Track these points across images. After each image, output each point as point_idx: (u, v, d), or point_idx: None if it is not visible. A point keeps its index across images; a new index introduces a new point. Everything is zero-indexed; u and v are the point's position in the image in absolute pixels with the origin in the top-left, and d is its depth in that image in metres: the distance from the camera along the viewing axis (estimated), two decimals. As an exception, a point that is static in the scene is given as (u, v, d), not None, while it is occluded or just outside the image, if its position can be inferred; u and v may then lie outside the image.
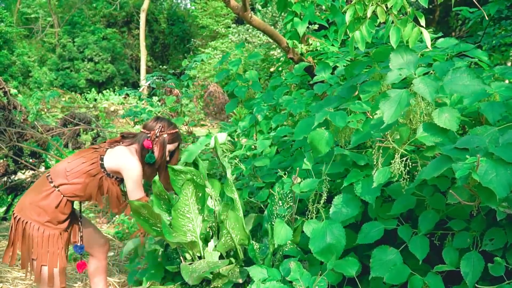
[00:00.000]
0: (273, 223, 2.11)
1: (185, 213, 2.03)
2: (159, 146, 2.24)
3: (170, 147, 2.29)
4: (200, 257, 2.07)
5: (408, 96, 1.47)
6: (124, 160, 2.16)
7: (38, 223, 2.07)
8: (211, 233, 2.13)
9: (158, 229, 1.95)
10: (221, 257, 2.08)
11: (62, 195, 2.11)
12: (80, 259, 2.34)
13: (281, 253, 2.00)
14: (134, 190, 2.14)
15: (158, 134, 2.24)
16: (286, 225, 1.86)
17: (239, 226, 1.99)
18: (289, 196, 2.06)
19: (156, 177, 2.13)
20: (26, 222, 2.08)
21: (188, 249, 2.04)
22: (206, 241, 2.07)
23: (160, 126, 2.26)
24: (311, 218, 1.86)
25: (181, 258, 2.10)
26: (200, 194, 2.08)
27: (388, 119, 1.47)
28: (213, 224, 2.14)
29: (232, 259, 2.06)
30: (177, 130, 2.32)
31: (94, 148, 2.24)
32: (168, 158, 2.32)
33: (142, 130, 2.30)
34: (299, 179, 1.83)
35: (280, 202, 2.14)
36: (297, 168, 1.90)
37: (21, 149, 4.73)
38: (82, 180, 2.13)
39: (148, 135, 2.24)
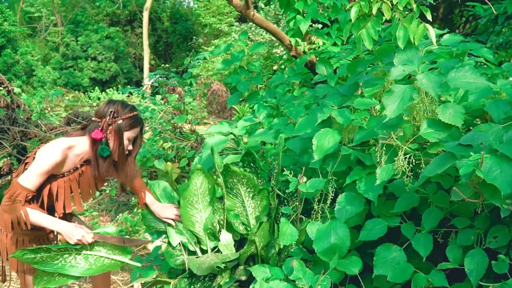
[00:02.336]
0: (278, 222, 2.11)
1: (193, 203, 2.02)
2: (113, 136, 1.91)
3: (128, 134, 1.94)
4: (205, 251, 2.06)
5: (411, 91, 1.47)
6: (43, 147, 1.88)
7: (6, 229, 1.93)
8: (218, 227, 2.12)
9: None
10: None
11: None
12: None
13: (286, 253, 1.99)
14: (29, 175, 1.82)
15: (110, 122, 1.89)
16: (292, 225, 1.85)
17: (264, 234, 2.00)
18: (295, 195, 2.06)
19: (169, 167, 2.08)
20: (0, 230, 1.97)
21: (193, 241, 2.04)
22: (213, 234, 2.06)
23: (112, 111, 1.89)
24: (316, 218, 1.86)
25: (183, 250, 2.09)
26: (210, 186, 2.04)
27: (391, 113, 1.47)
28: (221, 217, 2.13)
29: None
30: (135, 113, 1.96)
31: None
32: (129, 147, 1.99)
33: (93, 118, 1.95)
34: (304, 178, 1.82)
35: (285, 201, 2.14)
36: (303, 167, 1.90)
37: (24, 147, 4.74)
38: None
39: (99, 123, 1.91)
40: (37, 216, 1.86)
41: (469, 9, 3.70)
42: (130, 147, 2.00)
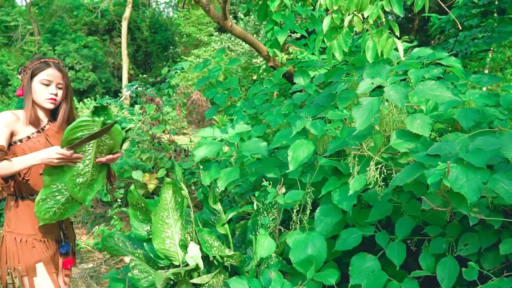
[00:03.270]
0: (257, 233, 2.10)
1: (164, 218, 2.00)
2: (27, 86, 1.94)
3: (41, 77, 1.92)
4: (178, 266, 2.04)
5: (379, 103, 1.50)
6: None
7: (7, 232, 1.95)
8: (189, 239, 2.11)
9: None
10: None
11: (9, 195, 1.95)
12: (67, 255, 2.09)
13: (266, 265, 1.99)
14: None
15: (22, 78, 1.98)
16: (270, 237, 1.85)
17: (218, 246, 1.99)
18: (274, 207, 2.06)
19: (132, 187, 2.08)
20: (2, 237, 1.97)
21: (166, 256, 2.02)
22: (185, 248, 2.05)
23: (21, 68, 1.99)
24: (295, 229, 1.86)
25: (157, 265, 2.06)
26: (180, 199, 2.05)
27: (360, 126, 1.50)
28: (191, 229, 2.12)
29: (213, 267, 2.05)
30: (43, 60, 1.96)
31: None
32: (52, 91, 1.94)
33: None
34: (283, 189, 1.82)
35: (264, 212, 2.14)
36: (282, 178, 1.90)
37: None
38: None
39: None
40: (3, 166, 1.77)
41: (432, 19, 3.83)
42: (52, 90, 1.94)
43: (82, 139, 1.79)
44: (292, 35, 9.47)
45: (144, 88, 5.05)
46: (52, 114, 2.06)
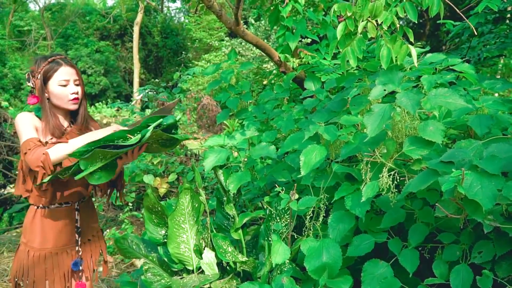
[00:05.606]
0: (269, 239, 2.10)
1: (180, 223, 2.02)
2: (41, 92, 1.79)
3: (58, 78, 1.79)
4: (192, 271, 2.05)
5: (391, 110, 1.50)
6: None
7: (22, 243, 1.92)
8: (203, 244, 2.12)
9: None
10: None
11: (31, 204, 1.90)
12: (80, 278, 2.00)
13: (279, 271, 1.99)
14: (21, 137, 1.74)
15: (33, 84, 1.81)
16: (284, 244, 1.85)
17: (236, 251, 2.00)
18: (286, 212, 2.06)
19: (149, 190, 2.10)
20: (18, 245, 1.94)
21: (180, 260, 2.03)
22: (199, 253, 2.06)
23: (28, 74, 1.83)
24: (308, 235, 1.86)
25: (170, 270, 2.08)
26: (196, 205, 2.06)
27: (371, 132, 1.50)
28: (206, 235, 2.14)
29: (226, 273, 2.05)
30: (50, 59, 1.81)
31: None
32: (72, 89, 1.82)
33: None
34: (296, 195, 1.82)
35: (277, 218, 2.14)
36: (295, 184, 1.91)
37: (11, 162, 4.69)
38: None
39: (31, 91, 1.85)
40: (57, 149, 1.64)
41: (446, 26, 3.82)
42: (72, 89, 1.84)
43: (148, 115, 1.66)
44: (303, 40, 9.49)
45: (156, 92, 5.10)
46: (71, 114, 1.94)
